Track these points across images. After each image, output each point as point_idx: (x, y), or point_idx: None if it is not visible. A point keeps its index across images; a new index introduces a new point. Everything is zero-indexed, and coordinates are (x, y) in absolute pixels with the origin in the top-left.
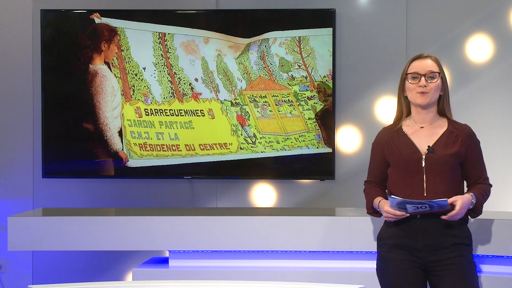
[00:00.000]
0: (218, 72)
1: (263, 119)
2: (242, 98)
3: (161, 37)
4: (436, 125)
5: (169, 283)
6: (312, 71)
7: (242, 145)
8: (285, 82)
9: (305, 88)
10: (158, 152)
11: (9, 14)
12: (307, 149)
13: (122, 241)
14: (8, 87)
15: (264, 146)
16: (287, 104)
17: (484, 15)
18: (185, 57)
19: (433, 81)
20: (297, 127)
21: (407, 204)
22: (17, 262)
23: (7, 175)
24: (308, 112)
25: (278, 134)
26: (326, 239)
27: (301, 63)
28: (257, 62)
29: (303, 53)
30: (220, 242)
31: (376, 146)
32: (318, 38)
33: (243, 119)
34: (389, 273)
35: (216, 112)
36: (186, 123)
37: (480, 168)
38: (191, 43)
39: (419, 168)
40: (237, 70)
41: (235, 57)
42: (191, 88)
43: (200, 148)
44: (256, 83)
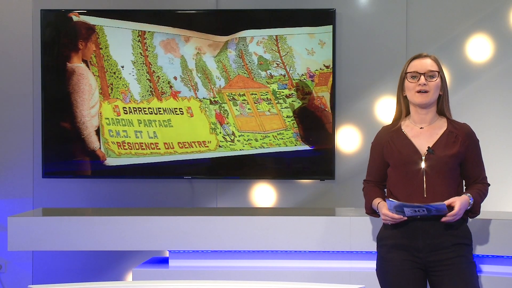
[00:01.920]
0: (197, 71)
1: (242, 117)
2: (221, 97)
3: (140, 35)
4: (435, 125)
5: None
6: (290, 70)
7: (221, 143)
8: (263, 80)
9: (283, 86)
10: (137, 150)
11: (9, 14)
12: (285, 147)
13: (122, 241)
14: (8, 87)
15: (243, 144)
16: (265, 102)
17: (484, 15)
18: (164, 55)
19: (432, 80)
20: (275, 125)
21: (405, 207)
22: (17, 262)
23: (7, 175)
24: (287, 110)
25: (257, 132)
26: (326, 239)
27: (280, 61)
28: (236, 61)
29: (281, 51)
30: (220, 242)
31: (376, 146)
32: (295, 37)
33: (222, 117)
34: (389, 273)
35: (195, 110)
36: (165, 121)
37: (479, 168)
38: (171, 42)
39: (419, 169)
40: (216, 69)
41: (214, 56)
42: (170, 87)
43: (179, 146)
44: (235, 81)
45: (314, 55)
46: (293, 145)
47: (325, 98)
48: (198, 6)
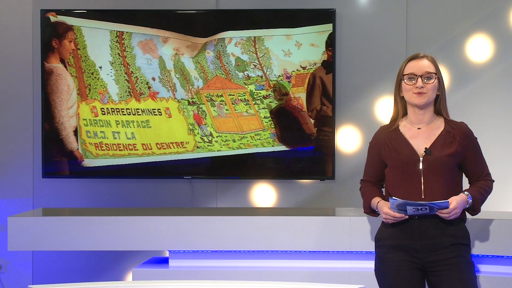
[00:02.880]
0: (175, 71)
1: (220, 118)
2: (199, 97)
3: (118, 36)
4: (433, 125)
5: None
6: (267, 71)
7: (199, 144)
8: (241, 81)
9: (261, 87)
10: (115, 151)
11: (9, 14)
12: (262, 147)
13: (122, 241)
14: (8, 87)
15: (220, 144)
16: (243, 103)
17: (484, 15)
18: (142, 56)
19: (429, 82)
20: (253, 126)
21: (408, 205)
22: (17, 262)
23: (7, 175)
24: (264, 111)
25: (235, 133)
26: (326, 239)
27: (257, 62)
28: (213, 62)
29: (259, 53)
30: (220, 242)
31: (373, 146)
32: (273, 38)
33: (200, 118)
34: (387, 274)
35: (173, 111)
36: (143, 122)
37: (481, 165)
38: (149, 42)
39: (417, 170)
40: (194, 69)
41: (192, 57)
42: (148, 87)
43: (157, 147)
44: (213, 82)
45: (290, 56)
46: (270, 146)
47: (302, 98)
48: (198, 6)
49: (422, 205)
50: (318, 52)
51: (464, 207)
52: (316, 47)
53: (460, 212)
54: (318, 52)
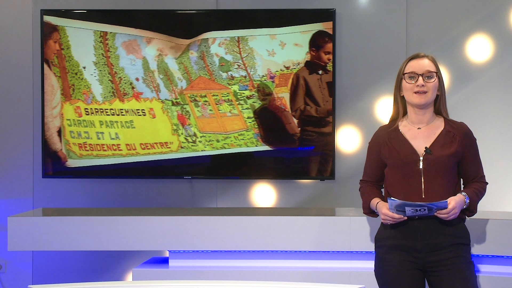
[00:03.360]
0: (159, 72)
1: (204, 118)
2: (182, 98)
3: (102, 36)
4: (433, 125)
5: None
6: (251, 71)
7: (183, 144)
8: (224, 81)
9: (244, 87)
10: (98, 152)
11: (9, 14)
12: (246, 147)
13: (122, 241)
14: (8, 87)
15: (204, 145)
16: (227, 103)
17: (484, 15)
18: (126, 57)
19: (430, 81)
20: (236, 126)
21: (407, 206)
22: (17, 262)
23: (7, 175)
24: (247, 111)
25: (218, 133)
26: (326, 239)
27: (241, 62)
28: (197, 62)
29: (243, 53)
30: (220, 242)
31: (373, 146)
32: (258, 38)
33: (184, 118)
34: (387, 274)
35: (157, 111)
36: (127, 122)
37: (477, 166)
38: (133, 43)
39: (417, 170)
40: (177, 70)
41: (175, 57)
42: (132, 88)
43: (141, 147)
44: (196, 82)
45: (274, 56)
46: (254, 146)
47: (285, 98)
48: (198, 6)
49: (421, 205)
50: (302, 52)
51: (462, 207)
52: (300, 47)
53: (458, 212)
54: (302, 52)
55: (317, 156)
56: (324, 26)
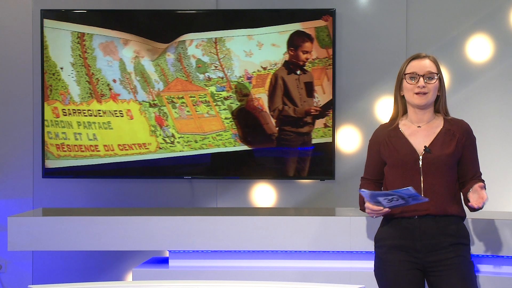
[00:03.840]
0: (135, 74)
1: (181, 120)
2: (160, 99)
3: (80, 37)
4: (432, 124)
5: (169, 283)
6: (228, 72)
7: (161, 145)
8: (202, 83)
9: (221, 88)
10: (76, 152)
11: (9, 14)
12: (224, 147)
13: (122, 241)
14: (8, 87)
15: (182, 145)
16: (204, 105)
17: (484, 15)
18: (103, 58)
19: (431, 82)
20: (214, 127)
21: (378, 197)
22: (17, 262)
23: (7, 175)
24: (225, 112)
25: (196, 134)
26: (326, 239)
27: (218, 64)
28: (174, 64)
29: (220, 54)
30: (220, 242)
31: (373, 144)
32: (235, 39)
33: (162, 119)
34: (387, 274)
35: (135, 112)
36: (105, 123)
37: (476, 165)
38: (110, 44)
39: (417, 169)
40: (154, 72)
41: (152, 60)
42: (110, 89)
43: (119, 148)
44: (174, 84)
45: (252, 56)
46: (232, 146)
47: (263, 99)
48: (198, 6)
49: (390, 194)
50: (279, 53)
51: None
52: (277, 47)
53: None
54: (279, 53)
55: (317, 156)
56: (303, 26)
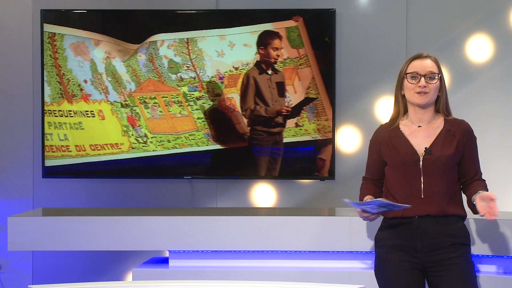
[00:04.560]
0: (107, 74)
1: (154, 120)
2: (132, 100)
3: (50, 37)
4: (433, 124)
5: (169, 283)
6: (201, 72)
7: (133, 145)
8: (174, 83)
9: (194, 88)
10: (47, 153)
11: (9, 14)
12: (197, 147)
13: (122, 241)
14: (8, 87)
15: (155, 145)
16: (176, 105)
17: (484, 15)
18: (74, 58)
19: (432, 82)
20: (187, 127)
21: (362, 206)
22: (17, 262)
23: (7, 175)
24: (197, 112)
25: (169, 134)
26: (326, 239)
27: (190, 64)
28: (146, 65)
29: (192, 54)
30: (220, 242)
31: (374, 144)
32: (207, 39)
33: (134, 120)
34: (387, 274)
35: (107, 113)
36: (76, 124)
37: (476, 165)
38: (81, 45)
39: (417, 170)
40: (125, 73)
41: (123, 61)
42: (81, 90)
43: (91, 148)
44: (146, 85)
45: (224, 56)
46: (204, 145)
47: (235, 99)
48: (198, 6)
49: (368, 203)
50: (251, 53)
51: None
52: (249, 47)
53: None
54: (251, 53)
55: (317, 156)
56: (274, 26)
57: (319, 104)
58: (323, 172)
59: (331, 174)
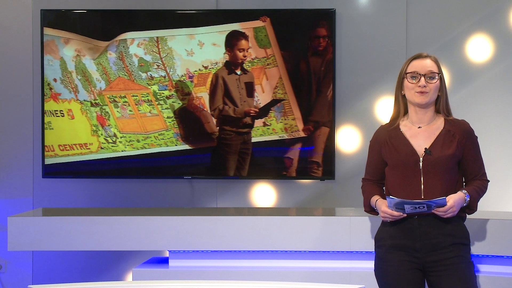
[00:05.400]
0: (77, 73)
1: (123, 119)
2: (101, 99)
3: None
4: (433, 125)
5: (169, 283)
6: (170, 71)
7: (103, 145)
8: (144, 82)
9: (163, 87)
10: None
11: (9, 14)
12: (166, 147)
13: (122, 241)
14: (8, 87)
15: (124, 145)
16: (146, 104)
17: (484, 15)
18: (43, 57)
19: (432, 82)
20: (156, 126)
21: (405, 204)
22: (17, 262)
23: (7, 175)
24: (167, 111)
25: (139, 133)
26: (326, 239)
27: (160, 63)
28: (116, 63)
29: (162, 53)
30: (220, 242)
31: (374, 145)
32: (176, 38)
33: (103, 119)
34: (387, 274)
35: (76, 112)
36: (45, 123)
37: (478, 165)
38: (51, 43)
39: (417, 170)
40: (95, 71)
41: (93, 58)
42: (50, 89)
43: (60, 148)
44: (116, 83)
45: (193, 56)
46: (173, 145)
47: (204, 98)
48: (198, 6)
49: (419, 203)
50: (220, 52)
51: (461, 205)
52: (218, 46)
53: (457, 211)
54: (220, 52)
55: (317, 156)
56: (241, 26)
57: (287, 104)
58: (323, 172)
59: (331, 174)
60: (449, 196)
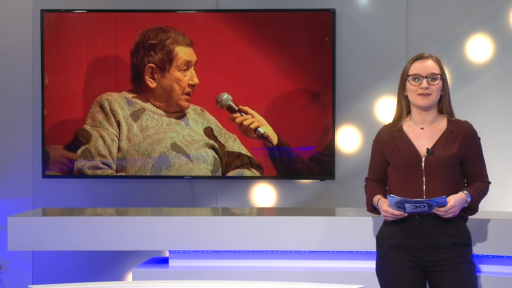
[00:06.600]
0: None
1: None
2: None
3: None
4: (436, 125)
5: (169, 283)
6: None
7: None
8: None
9: None
10: None
11: (9, 14)
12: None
13: (122, 241)
14: (8, 87)
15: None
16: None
17: (484, 15)
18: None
19: (434, 83)
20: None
21: (406, 203)
22: (17, 262)
23: (7, 175)
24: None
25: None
26: (326, 239)
27: None
28: None
29: None
30: (220, 242)
31: (377, 145)
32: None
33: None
34: (388, 273)
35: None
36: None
37: (480, 166)
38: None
39: (419, 170)
40: None
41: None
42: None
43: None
44: None
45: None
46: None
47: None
48: (198, 6)
49: (420, 202)
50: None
51: (462, 206)
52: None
53: (458, 211)
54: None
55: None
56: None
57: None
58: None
59: (331, 174)
60: (450, 196)
